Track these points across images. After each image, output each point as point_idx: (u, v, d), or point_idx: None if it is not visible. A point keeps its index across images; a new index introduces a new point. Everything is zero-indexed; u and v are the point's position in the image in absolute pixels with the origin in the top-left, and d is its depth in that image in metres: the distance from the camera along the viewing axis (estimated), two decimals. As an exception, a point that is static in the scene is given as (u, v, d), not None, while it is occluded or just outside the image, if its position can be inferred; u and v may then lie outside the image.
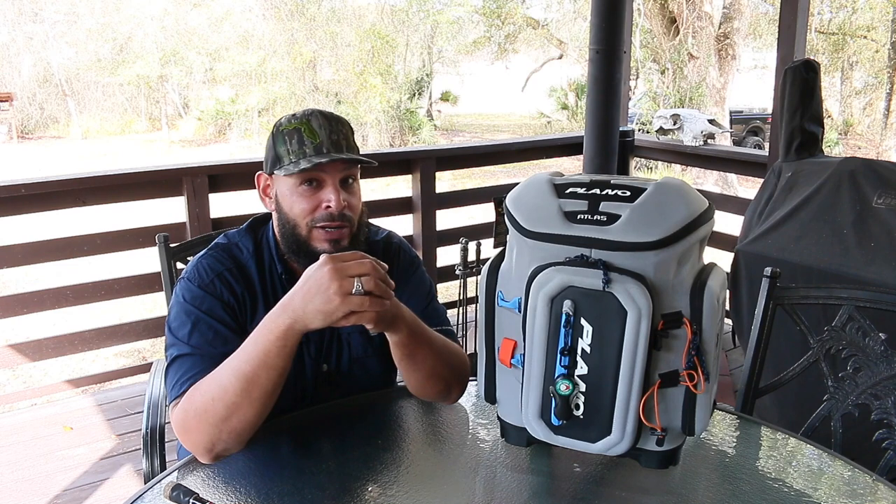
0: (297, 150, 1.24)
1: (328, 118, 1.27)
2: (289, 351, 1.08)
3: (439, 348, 1.24)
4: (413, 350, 1.18)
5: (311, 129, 1.24)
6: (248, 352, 1.09)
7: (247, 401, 1.08)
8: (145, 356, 4.99)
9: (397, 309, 1.13)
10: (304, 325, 1.06)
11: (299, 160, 1.23)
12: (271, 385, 1.09)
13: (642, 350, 0.96)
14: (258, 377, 1.08)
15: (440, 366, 1.23)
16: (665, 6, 12.84)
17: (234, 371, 1.09)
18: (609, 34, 3.48)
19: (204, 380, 1.13)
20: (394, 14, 18.17)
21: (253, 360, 1.08)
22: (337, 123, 1.27)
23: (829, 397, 1.44)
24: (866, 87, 17.36)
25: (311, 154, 1.23)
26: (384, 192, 4.89)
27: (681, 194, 1.00)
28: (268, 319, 1.08)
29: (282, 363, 1.08)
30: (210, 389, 1.10)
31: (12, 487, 2.36)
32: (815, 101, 2.72)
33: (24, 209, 2.81)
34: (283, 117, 1.29)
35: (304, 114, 1.27)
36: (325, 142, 1.24)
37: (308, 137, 1.24)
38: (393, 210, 3.61)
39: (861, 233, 2.34)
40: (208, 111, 18.35)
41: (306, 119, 1.26)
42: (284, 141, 1.25)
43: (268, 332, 1.07)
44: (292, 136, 1.24)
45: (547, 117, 18.58)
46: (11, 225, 3.61)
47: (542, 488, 1.12)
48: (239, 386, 1.08)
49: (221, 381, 1.09)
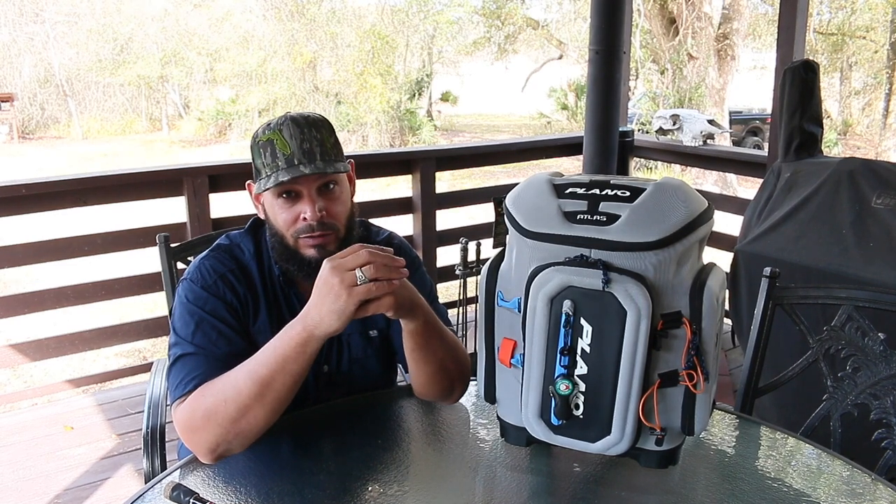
0: (271, 164, 1.22)
1: (300, 125, 1.23)
2: (307, 358, 1.09)
3: (450, 342, 1.25)
4: (427, 340, 1.19)
5: (283, 139, 1.22)
6: (266, 356, 1.10)
7: (259, 404, 1.09)
8: (146, 356, 4.99)
9: (415, 296, 1.14)
10: (323, 332, 1.06)
11: (272, 174, 1.22)
12: (286, 391, 1.10)
13: (642, 350, 0.97)
14: (274, 382, 1.09)
15: (450, 360, 1.24)
16: (665, 6, 12.84)
17: (250, 374, 1.10)
18: (609, 34, 3.48)
19: (217, 381, 1.13)
20: (394, 14, 18.17)
21: (271, 365, 1.09)
22: (310, 129, 1.23)
23: (828, 397, 1.44)
24: (865, 88, 17.36)
25: (283, 167, 1.21)
26: (384, 192, 4.90)
27: (680, 194, 1.00)
28: (288, 328, 1.09)
29: (299, 369, 1.09)
30: (223, 390, 1.11)
31: (13, 487, 2.36)
32: (814, 101, 2.73)
33: (24, 209, 2.82)
34: (260, 126, 1.28)
35: (277, 122, 1.24)
36: (296, 153, 1.21)
37: (280, 149, 1.22)
38: (393, 210, 3.62)
39: (860, 233, 2.35)
40: (209, 111, 18.36)
41: (279, 129, 1.23)
42: (260, 153, 1.24)
43: (288, 338, 1.08)
44: (266, 149, 1.23)
45: (547, 118, 18.57)
46: (12, 225, 3.61)
47: (542, 488, 1.12)
48: (254, 389, 1.09)
49: (237, 383, 1.10)
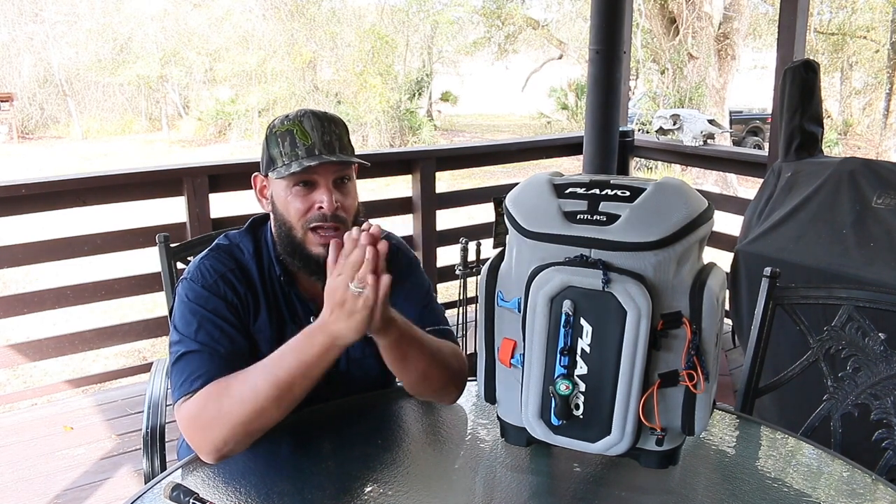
0: (290, 153, 1.24)
1: (321, 118, 1.27)
2: (327, 363, 1.10)
3: (432, 351, 1.23)
4: (404, 353, 1.18)
5: (304, 130, 1.24)
6: (286, 360, 1.10)
7: (275, 406, 1.10)
8: (145, 356, 4.98)
9: (389, 313, 1.12)
10: (344, 342, 1.08)
11: (291, 162, 1.23)
12: (302, 394, 1.11)
13: (642, 350, 0.97)
14: (294, 386, 1.09)
15: (432, 368, 1.23)
16: (665, 6, 12.85)
17: (269, 378, 1.09)
18: (609, 34, 3.48)
19: (230, 381, 1.13)
20: (394, 14, 18.17)
21: (292, 369, 1.09)
22: (330, 123, 1.27)
23: (828, 397, 1.44)
24: (866, 88, 17.35)
25: (303, 156, 1.23)
26: (384, 192, 4.88)
27: (680, 194, 1.00)
28: (308, 333, 1.09)
29: (318, 374, 1.10)
30: (241, 392, 1.11)
31: (12, 487, 2.36)
32: (814, 101, 2.73)
33: (24, 209, 2.81)
34: (276, 118, 1.29)
35: (296, 115, 1.27)
36: (317, 143, 1.24)
37: (300, 139, 1.24)
38: (393, 210, 3.61)
39: (860, 233, 2.34)
40: (208, 111, 18.35)
41: (298, 120, 1.26)
42: (277, 143, 1.25)
43: (309, 345, 1.08)
44: (285, 138, 1.25)
45: (547, 117, 18.57)
46: (11, 225, 3.61)
47: (542, 488, 1.12)
48: (273, 393, 1.09)
49: (255, 386, 1.10)
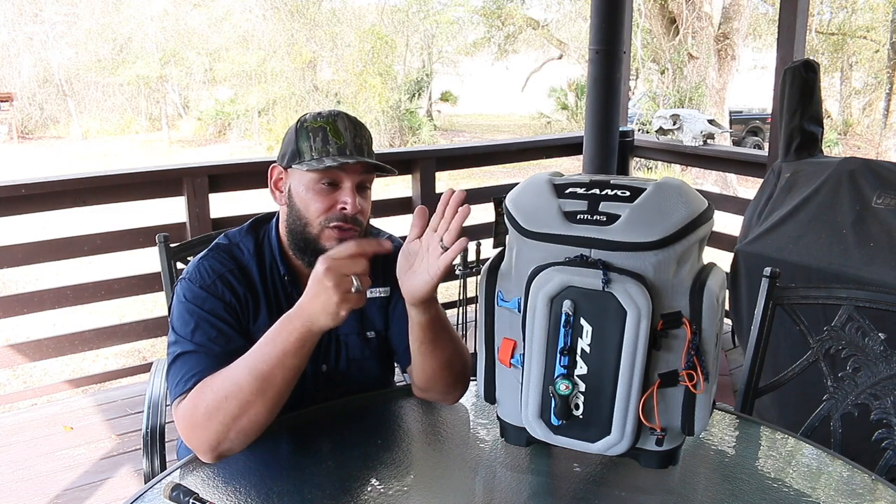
0: (321, 148, 1.24)
1: (353, 122, 1.29)
2: (306, 352, 1.09)
3: (457, 340, 1.26)
4: (437, 334, 1.19)
5: (337, 129, 1.26)
6: (265, 351, 1.09)
7: (261, 400, 1.09)
8: (145, 356, 4.99)
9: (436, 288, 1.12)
10: (319, 327, 1.07)
11: (322, 158, 1.24)
12: (285, 385, 1.10)
13: (642, 350, 0.96)
14: (274, 377, 1.09)
15: (456, 357, 1.24)
16: (665, 6, 12.85)
17: (250, 370, 1.09)
18: (609, 34, 3.48)
19: (216, 377, 1.13)
20: (394, 14, 18.18)
21: (270, 360, 1.08)
22: (361, 129, 1.29)
23: (828, 397, 1.44)
24: (866, 88, 17.36)
25: (335, 154, 1.24)
26: (384, 192, 4.87)
27: (680, 194, 1.00)
28: (285, 320, 1.09)
29: (298, 363, 1.10)
30: (224, 387, 1.11)
31: (12, 487, 2.36)
32: (814, 101, 2.73)
33: (24, 209, 2.81)
34: (307, 114, 1.30)
35: (329, 114, 1.28)
36: (350, 144, 1.25)
37: (333, 137, 1.25)
38: (393, 210, 3.61)
39: (860, 233, 2.34)
40: (208, 111, 18.36)
41: (332, 119, 1.27)
42: (308, 137, 1.26)
43: (287, 333, 1.08)
44: (317, 134, 1.25)
45: (547, 117, 18.58)
46: (11, 225, 3.61)
47: (542, 488, 1.12)
48: (255, 385, 1.08)
49: (237, 379, 1.10)
